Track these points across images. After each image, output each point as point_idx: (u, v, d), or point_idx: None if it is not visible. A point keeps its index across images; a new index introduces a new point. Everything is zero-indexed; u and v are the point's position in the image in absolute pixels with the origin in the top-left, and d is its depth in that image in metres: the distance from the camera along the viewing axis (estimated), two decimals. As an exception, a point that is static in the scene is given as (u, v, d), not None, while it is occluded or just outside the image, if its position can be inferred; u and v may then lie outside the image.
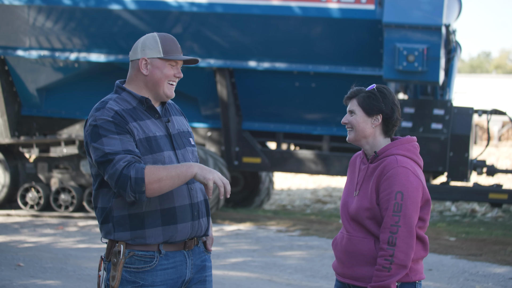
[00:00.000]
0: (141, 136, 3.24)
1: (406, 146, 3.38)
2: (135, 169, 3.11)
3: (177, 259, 3.29)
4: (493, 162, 18.99)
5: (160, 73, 3.32)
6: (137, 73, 3.35)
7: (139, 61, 3.33)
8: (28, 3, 11.12)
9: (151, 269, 3.22)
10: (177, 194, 3.26)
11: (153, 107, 3.34)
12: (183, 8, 10.77)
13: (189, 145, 3.41)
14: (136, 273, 3.22)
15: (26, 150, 11.85)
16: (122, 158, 3.14)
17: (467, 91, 33.20)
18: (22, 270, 7.33)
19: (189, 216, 3.29)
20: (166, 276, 3.26)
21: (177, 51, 3.35)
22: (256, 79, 11.18)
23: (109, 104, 3.26)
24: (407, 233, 3.23)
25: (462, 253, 8.98)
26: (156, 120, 3.33)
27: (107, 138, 3.18)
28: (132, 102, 3.32)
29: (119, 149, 3.16)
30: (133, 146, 3.19)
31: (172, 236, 3.25)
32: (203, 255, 3.41)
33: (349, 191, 3.46)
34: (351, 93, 3.44)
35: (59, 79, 11.80)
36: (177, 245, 3.29)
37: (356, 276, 3.36)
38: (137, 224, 3.22)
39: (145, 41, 3.35)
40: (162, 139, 3.30)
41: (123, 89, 3.35)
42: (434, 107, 10.65)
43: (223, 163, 11.35)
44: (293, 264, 8.12)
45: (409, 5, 10.10)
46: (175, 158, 3.30)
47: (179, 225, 3.26)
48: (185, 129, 3.45)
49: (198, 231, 3.34)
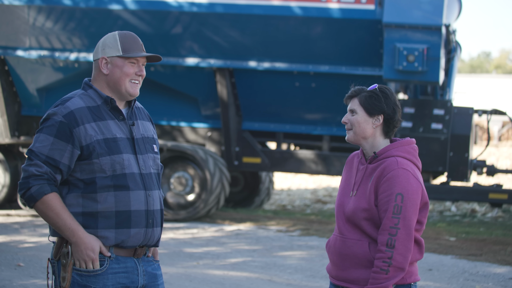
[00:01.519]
0: (99, 137, 3.21)
1: (406, 148, 3.36)
2: (38, 188, 3.15)
3: (128, 265, 3.26)
4: (493, 162, 18.98)
5: (119, 72, 3.28)
6: (99, 72, 3.31)
7: (99, 60, 3.30)
8: (28, 3, 11.12)
9: (102, 272, 3.19)
10: (134, 198, 3.23)
11: (118, 108, 3.29)
12: (183, 8, 10.77)
13: (151, 152, 3.36)
14: (87, 276, 3.18)
15: (26, 150, 11.84)
16: (39, 166, 3.16)
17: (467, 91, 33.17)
18: (22, 270, 7.32)
19: (143, 223, 3.25)
20: (117, 280, 3.23)
21: (137, 48, 3.30)
22: (256, 79, 11.18)
23: (70, 102, 3.25)
24: (406, 236, 3.22)
25: (462, 253, 8.98)
26: (120, 122, 3.29)
27: (44, 135, 3.19)
28: (97, 100, 3.29)
29: (44, 152, 3.17)
30: (61, 156, 3.17)
31: (124, 240, 3.22)
32: (152, 263, 3.38)
33: (345, 191, 3.42)
34: (353, 92, 3.40)
35: (59, 79, 11.80)
36: (128, 251, 3.26)
37: (350, 278, 3.33)
38: (90, 224, 3.19)
39: (105, 40, 3.31)
40: (123, 141, 3.25)
41: (90, 87, 3.32)
42: (434, 107, 10.65)
43: (223, 163, 11.35)
44: (293, 264, 8.12)
45: (409, 5, 10.10)
46: (135, 162, 3.26)
47: (132, 229, 3.23)
48: (150, 135, 3.40)
49: (150, 240, 3.31)
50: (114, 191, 3.19)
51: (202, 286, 6.89)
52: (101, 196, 3.18)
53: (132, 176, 3.23)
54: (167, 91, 11.33)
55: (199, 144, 11.76)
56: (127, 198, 3.21)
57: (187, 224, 10.90)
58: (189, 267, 7.75)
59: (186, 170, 11.24)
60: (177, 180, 11.25)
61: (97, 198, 3.19)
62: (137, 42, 3.32)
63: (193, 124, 11.69)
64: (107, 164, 3.19)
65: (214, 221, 11.22)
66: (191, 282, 7.00)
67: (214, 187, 11.07)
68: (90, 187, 3.19)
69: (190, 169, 11.24)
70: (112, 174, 3.19)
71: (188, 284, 6.93)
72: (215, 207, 11.33)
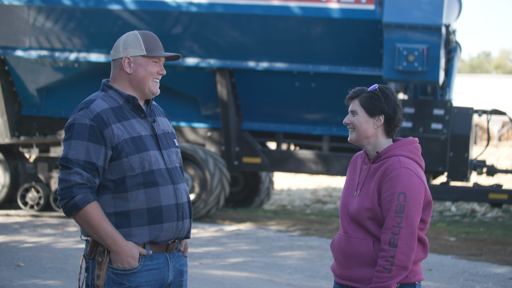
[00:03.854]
0: (126, 136, 3.24)
1: (409, 147, 3.37)
2: (82, 197, 3.15)
3: (160, 261, 3.31)
4: (493, 162, 18.99)
5: (144, 71, 3.32)
6: (121, 72, 3.34)
7: (122, 59, 3.32)
8: (28, 3, 11.12)
9: (137, 270, 3.23)
10: (164, 193, 3.27)
11: (139, 106, 3.33)
12: (183, 8, 10.77)
13: (173, 146, 3.41)
14: (123, 275, 3.22)
15: (26, 150, 11.85)
16: (80, 174, 3.16)
17: (467, 91, 33.20)
18: (22, 270, 7.32)
19: (174, 216, 3.30)
20: (150, 277, 3.27)
21: (159, 48, 3.35)
22: (256, 79, 11.18)
23: (94, 104, 3.27)
24: (409, 235, 3.22)
25: (462, 253, 8.98)
26: (142, 119, 3.33)
27: (76, 141, 3.19)
28: (119, 100, 3.32)
29: (81, 158, 3.17)
30: (97, 158, 3.19)
31: (158, 236, 3.26)
32: (181, 259, 3.44)
33: (349, 191, 3.44)
34: (353, 93, 3.42)
35: (59, 79, 11.80)
36: (161, 247, 3.31)
37: (354, 277, 3.34)
38: (123, 223, 3.22)
39: (127, 40, 3.33)
40: (148, 139, 3.29)
41: (110, 87, 3.35)
42: (434, 107, 10.65)
43: (223, 163, 11.35)
44: (293, 264, 8.12)
45: (409, 5, 10.10)
46: (161, 158, 3.30)
47: (165, 224, 3.27)
48: (170, 130, 3.45)
49: (181, 232, 3.36)
50: (144, 188, 3.23)
51: (202, 286, 6.90)
52: (132, 194, 3.22)
53: (159, 172, 3.27)
54: (167, 91, 11.30)
55: (199, 144, 11.77)
56: (157, 194, 3.25)
57: (187, 224, 10.89)
58: (189, 267, 7.74)
59: (186, 170, 11.24)
60: (177, 180, 11.24)
61: (128, 197, 3.22)
62: (158, 41, 3.37)
63: (193, 124, 11.69)
64: (136, 162, 3.22)
65: (214, 221, 11.22)
66: (191, 282, 7.00)
67: (214, 187, 11.07)
68: (120, 186, 3.22)
69: (190, 169, 11.24)
70: (141, 172, 3.23)
71: (188, 284, 6.93)
72: (215, 207, 11.33)
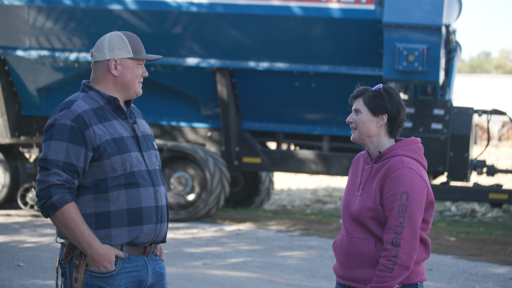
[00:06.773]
0: (107, 137, 3.22)
1: (411, 147, 3.37)
2: (60, 197, 3.13)
3: (139, 263, 3.29)
4: (493, 162, 18.98)
5: (131, 74, 3.30)
6: (106, 74, 3.30)
7: (109, 62, 3.28)
8: (28, 3, 11.12)
9: (115, 273, 3.21)
10: (144, 195, 3.26)
11: (121, 107, 3.31)
12: (183, 8, 10.77)
13: (153, 149, 3.40)
14: (101, 277, 3.20)
15: (26, 150, 11.85)
16: (59, 175, 3.14)
17: (467, 91, 33.18)
18: (22, 270, 7.32)
19: (153, 218, 3.28)
20: (129, 279, 3.26)
21: (143, 49, 3.34)
22: (256, 79, 11.18)
23: (75, 105, 3.23)
24: (412, 234, 3.22)
25: (462, 253, 8.98)
26: (123, 121, 3.31)
27: (56, 142, 3.17)
28: (100, 101, 3.29)
29: (60, 159, 3.15)
30: (77, 159, 3.17)
31: (138, 237, 3.25)
32: (159, 262, 3.42)
33: (351, 191, 3.44)
34: (357, 92, 3.42)
35: (59, 79, 11.80)
36: (139, 249, 3.29)
37: (356, 278, 3.34)
38: (103, 224, 3.21)
39: (112, 41, 3.29)
40: (129, 140, 3.28)
41: (91, 88, 3.32)
42: (434, 107, 10.65)
43: (223, 163, 11.35)
44: (293, 264, 8.12)
45: (409, 5, 10.10)
46: (142, 159, 3.29)
47: (145, 226, 3.26)
48: (149, 132, 3.44)
49: (159, 236, 3.34)
50: (125, 189, 3.22)
51: (202, 286, 6.89)
52: (113, 195, 3.21)
53: (140, 173, 3.26)
54: (167, 91, 11.32)
55: (199, 144, 11.76)
56: (138, 195, 3.24)
57: (187, 224, 10.90)
58: (189, 267, 7.75)
59: (186, 170, 11.24)
60: (177, 180, 11.25)
61: (109, 197, 3.20)
62: (140, 42, 3.35)
63: (193, 124, 11.69)
64: (118, 164, 3.21)
65: (214, 221, 11.22)
66: (191, 282, 7.00)
67: (214, 187, 11.07)
68: (101, 187, 3.20)
69: (190, 169, 11.24)
70: (123, 173, 3.22)
71: (188, 284, 6.93)
72: (215, 207, 11.33)
